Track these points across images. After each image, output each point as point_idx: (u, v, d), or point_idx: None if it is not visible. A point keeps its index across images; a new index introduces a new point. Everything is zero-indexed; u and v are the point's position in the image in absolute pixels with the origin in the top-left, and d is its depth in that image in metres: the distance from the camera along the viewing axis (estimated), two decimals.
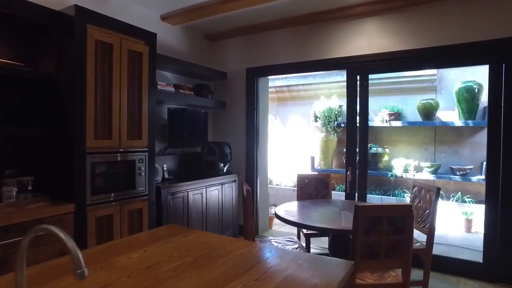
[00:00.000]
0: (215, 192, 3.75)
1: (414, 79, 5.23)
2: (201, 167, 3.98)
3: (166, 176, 3.58)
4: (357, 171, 3.60)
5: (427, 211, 2.69)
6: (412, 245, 1.96)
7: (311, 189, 3.41)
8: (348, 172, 3.60)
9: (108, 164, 2.52)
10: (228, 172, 4.00)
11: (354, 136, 3.62)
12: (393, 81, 5.34)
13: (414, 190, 2.92)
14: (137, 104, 2.74)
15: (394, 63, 3.42)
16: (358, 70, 3.56)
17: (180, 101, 3.74)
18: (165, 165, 3.60)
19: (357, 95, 3.59)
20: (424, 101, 5.01)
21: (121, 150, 2.61)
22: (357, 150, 3.62)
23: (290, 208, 2.79)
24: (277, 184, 6.48)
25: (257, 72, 4.21)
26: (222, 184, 3.84)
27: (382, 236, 1.90)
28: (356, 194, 3.60)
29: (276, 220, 4.48)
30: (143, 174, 2.78)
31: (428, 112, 5.00)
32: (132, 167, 2.71)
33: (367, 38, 3.48)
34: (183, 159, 3.97)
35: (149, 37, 2.83)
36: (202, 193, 3.55)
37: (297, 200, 3.30)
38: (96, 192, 2.42)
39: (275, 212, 2.61)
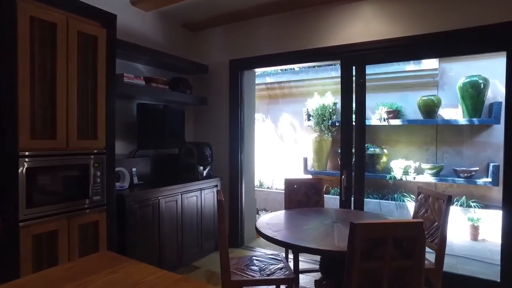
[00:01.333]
0: (193, 199, 3.31)
1: (414, 74, 4.82)
2: (177, 171, 3.54)
3: (136, 181, 3.13)
4: (353, 173, 3.18)
5: (436, 223, 2.28)
6: (424, 272, 1.54)
7: (301, 196, 2.98)
8: (343, 176, 3.18)
9: (51, 169, 2.07)
10: (209, 176, 3.56)
11: (349, 136, 3.21)
12: (391, 77, 4.93)
13: (419, 197, 2.50)
14: (92, 97, 2.29)
15: (394, 51, 3.00)
16: (354, 60, 3.14)
17: (153, 96, 3.30)
18: (134, 169, 3.15)
19: (353, 91, 3.17)
20: (425, 98, 4.61)
21: (69, 152, 2.16)
22: (353, 151, 3.20)
23: (274, 220, 2.36)
24: (268, 187, 6.05)
25: (242, 64, 3.77)
26: (201, 189, 3.40)
27: (385, 261, 1.48)
28: (352, 200, 3.19)
29: None
30: (99, 180, 2.33)
31: (429, 109, 4.60)
32: (85, 173, 2.26)
33: (364, 24, 3.06)
34: (157, 162, 3.52)
35: (106, 18, 2.39)
36: (177, 201, 3.11)
37: (285, 209, 2.86)
38: (34, 204, 1.97)
39: (255, 226, 2.18)
